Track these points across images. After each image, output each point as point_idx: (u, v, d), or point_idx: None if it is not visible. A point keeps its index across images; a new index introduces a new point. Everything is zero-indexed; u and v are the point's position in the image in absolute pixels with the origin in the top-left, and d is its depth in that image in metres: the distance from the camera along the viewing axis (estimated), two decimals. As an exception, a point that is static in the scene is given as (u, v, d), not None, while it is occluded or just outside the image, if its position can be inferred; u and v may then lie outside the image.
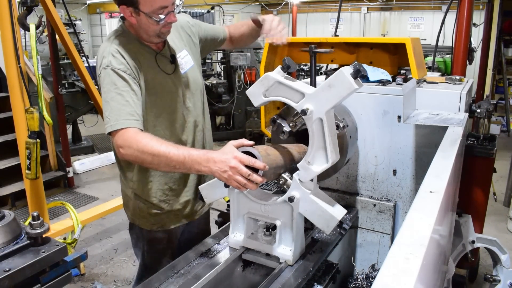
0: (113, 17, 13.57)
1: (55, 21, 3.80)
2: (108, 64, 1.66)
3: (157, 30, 1.73)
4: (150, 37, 1.77)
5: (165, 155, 1.50)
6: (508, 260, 2.74)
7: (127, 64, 1.68)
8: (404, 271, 0.77)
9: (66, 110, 5.88)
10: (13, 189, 4.77)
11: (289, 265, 1.64)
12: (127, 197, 1.98)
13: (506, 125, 8.12)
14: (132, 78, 1.67)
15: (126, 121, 1.60)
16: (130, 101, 1.63)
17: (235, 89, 7.74)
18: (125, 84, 1.65)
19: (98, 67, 1.73)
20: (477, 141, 2.70)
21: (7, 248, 1.28)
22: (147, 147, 1.53)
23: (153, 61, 1.80)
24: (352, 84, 1.39)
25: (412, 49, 2.04)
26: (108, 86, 1.64)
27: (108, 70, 1.65)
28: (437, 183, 1.22)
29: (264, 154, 1.49)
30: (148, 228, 1.97)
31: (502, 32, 7.67)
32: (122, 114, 1.60)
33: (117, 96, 1.62)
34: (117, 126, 1.59)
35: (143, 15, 1.67)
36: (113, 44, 1.71)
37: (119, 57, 1.68)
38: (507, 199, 4.93)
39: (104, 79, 1.66)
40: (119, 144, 1.59)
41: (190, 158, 1.47)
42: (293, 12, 10.84)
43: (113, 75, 1.65)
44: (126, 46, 1.73)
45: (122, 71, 1.65)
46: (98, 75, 1.72)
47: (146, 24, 1.70)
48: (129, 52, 1.72)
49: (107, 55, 1.68)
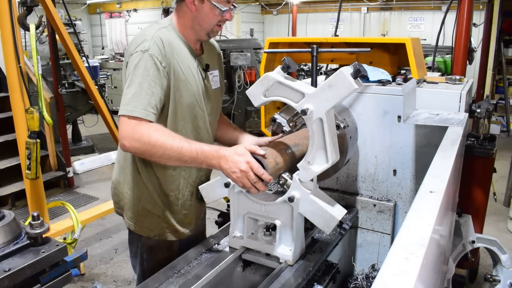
0: (113, 17, 13.57)
1: (55, 21, 3.80)
2: (148, 48, 1.60)
3: (212, 25, 1.71)
4: (201, 31, 1.73)
5: (178, 150, 1.51)
6: (508, 260, 2.74)
7: (165, 56, 1.63)
8: (404, 271, 0.77)
9: (66, 110, 5.88)
10: (13, 189, 4.77)
11: (289, 265, 1.64)
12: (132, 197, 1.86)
13: (506, 125, 8.12)
14: (165, 73, 1.63)
15: (144, 111, 1.54)
16: (155, 93, 1.58)
17: (235, 89, 7.74)
18: (157, 74, 1.60)
19: (132, 47, 1.64)
20: (477, 141, 2.70)
21: (7, 248, 1.28)
22: (159, 141, 1.51)
23: (193, 61, 1.77)
24: (352, 84, 1.39)
25: (412, 49, 2.04)
26: (140, 70, 1.58)
27: (146, 54, 1.59)
28: (437, 183, 1.22)
29: (273, 165, 1.52)
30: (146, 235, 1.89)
31: (502, 32, 7.67)
32: (143, 103, 1.55)
33: (145, 82, 1.57)
34: (134, 113, 1.53)
35: (207, 3, 1.65)
36: (158, 32, 1.66)
37: (160, 46, 1.62)
38: (507, 199, 4.93)
39: (138, 61, 1.59)
40: (126, 135, 1.53)
41: (203, 154, 1.51)
42: (293, 12, 10.83)
43: (149, 61, 1.59)
44: (170, 39, 1.68)
45: (159, 61, 1.60)
46: (130, 54, 1.63)
47: (206, 14, 1.68)
48: (171, 46, 1.67)
49: (149, 39, 1.62)
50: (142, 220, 1.87)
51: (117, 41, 13.38)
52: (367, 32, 13.05)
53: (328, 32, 12.88)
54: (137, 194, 1.85)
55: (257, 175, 1.46)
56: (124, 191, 1.89)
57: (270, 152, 1.55)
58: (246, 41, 8.69)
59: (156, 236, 1.88)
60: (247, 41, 8.52)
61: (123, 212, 1.93)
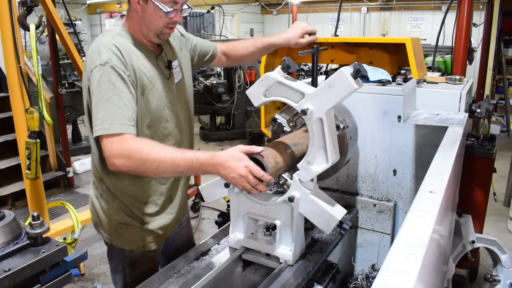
0: (113, 17, 13.57)
1: (55, 21, 3.80)
2: (107, 60, 1.51)
3: (160, 27, 1.62)
4: (149, 33, 1.64)
5: (172, 161, 1.46)
6: (508, 260, 2.74)
7: (126, 63, 1.55)
8: (404, 271, 0.77)
9: (66, 110, 5.88)
10: (13, 189, 4.77)
11: (289, 265, 1.64)
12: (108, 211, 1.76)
13: (506, 125, 8.12)
14: (130, 80, 1.55)
15: (123, 125, 1.48)
16: (127, 104, 1.51)
17: (235, 89, 7.74)
18: (124, 85, 1.52)
19: (90, 63, 1.54)
20: (477, 141, 2.70)
21: (7, 248, 1.28)
22: (151, 155, 1.45)
23: (154, 62, 1.68)
24: (352, 84, 1.39)
25: (412, 49, 2.04)
26: (105, 85, 1.50)
27: (106, 67, 1.50)
28: (437, 183, 1.22)
29: (273, 164, 1.51)
30: (129, 249, 1.79)
31: (502, 32, 7.67)
32: (118, 117, 1.48)
33: (114, 96, 1.49)
34: (112, 131, 1.47)
35: (151, 4, 1.57)
36: (112, 41, 1.57)
37: (119, 55, 1.54)
38: (507, 199, 4.93)
39: (100, 76, 1.50)
40: (115, 154, 1.47)
41: (198, 162, 1.47)
42: (293, 12, 10.83)
43: (111, 73, 1.50)
44: (126, 45, 1.60)
45: (122, 71, 1.52)
46: (90, 70, 1.53)
47: (151, 15, 1.59)
48: (129, 52, 1.59)
49: (106, 51, 1.53)
50: (123, 233, 1.77)
51: (117, 41, 13.37)
52: (367, 32, 13.06)
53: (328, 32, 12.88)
54: (113, 207, 1.75)
55: (257, 177, 1.44)
56: (100, 206, 1.79)
57: (270, 151, 1.55)
58: (246, 41, 8.68)
59: (140, 247, 1.79)
60: (247, 41, 8.50)
61: (101, 227, 1.82)
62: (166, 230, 1.87)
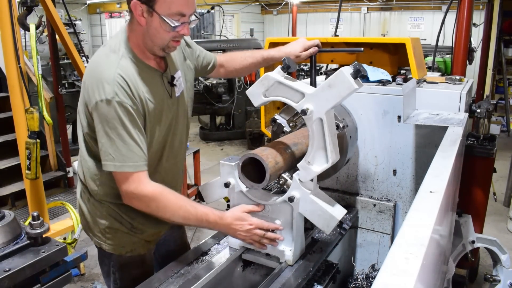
0: (113, 17, 13.58)
1: (55, 21, 3.79)
2: (113, 95, 1.44)
3: (165, 41, 1.53)
4: (154, 47, 1.55)
5: (184, 216, 1.57)
6: (508, 260, 2.74)
7: (133, 96, 1.49)
8: (404, 271, 0.77)
9: (66, 110, 5.87)
10: (13, 189, 4.77)
11: (289, 265, 1.64)
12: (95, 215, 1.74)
13: (506, 125, 8.12)
14: (138, 113, 1.50)
15: (135, 164, 1.48)
16: (137, 140, 1.49)
17: (235, 89, 7.74)
18: (133, 119, 1.48)
19: (95, 93, 1.46)
20: (477, 141, 2.70)
21: (7, 248, 1.28)
22: (167, 207, 1.55)
23: (159, 84, 1.61)
24: (352, 84, 1.39)
25: (412, 49, 2.04)
26: (114, 121, 1.45)
27: (113, 103, 1.44)
28: (437, 183, 1.22)
29: (273, 164, 1.52)
30: (118, 254, 1.76)
31: (502, 32, 7.67)
32: (130, 156, 1.48)
33: (124, 134, 1.46)
34: (124, 169, 1.48)
35: (156, 17, 1.46)
36: (117, 70, 1.48)
37: (125, 88, 1.47)
38: (507, 199, 4.93)
39: (107, 112, 1.45)
40: (133, 196, 1.53)
41: (207, 221, 1.59)
42: (293, 12, 10.84)
43: (119, 109, 1.45)
44: (132, 73, 1.51)
45: (130, 106, 1.46)
46: (95, 101, 1.46)
47: (156, 29, 1.49)
48: (135, 80, 1.51)
49: (111, 82, 1.45)
50: (111, 238, 1.74)
51: (117, 41, 13.38)
52: (367, 32, 13.07)
53: (328, 32, 12.90)
54: (101, 212, 1.72)
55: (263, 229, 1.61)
56: (88, 210, 1.76)
57: (270, 151, 1.55)
58: (246, 41, 8.70)
59: (129, 252, 1.76)
60: (247, 41, 8.52)
61: (89, 231, 1.80)
62: (157, 236, 1.85)
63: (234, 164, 1.64)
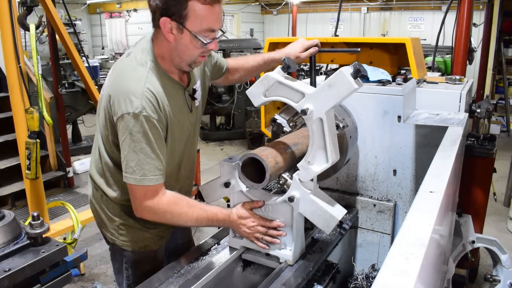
0: (113, 17, 13.58)
1: (55, 21, 3.80)
2: (141, 109, 1.44)
3: (194, 57, 1.54)
4: (181, 63, 1.56)
5: (195, 219, 1.61)
6: (508, 260, 2.74)
7: (160, 111, 1.50)
8: (404, 271, 0.77)
9: (66, 110, 5.88)
10: (13, 189, 4.77)
11: (289, 265, 1.64)
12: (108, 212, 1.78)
13: (506, 125, 8.12)
14: (162, 126, 1.52)
15: (153, 178, 1.50)
16: (160, 154, 1.51)
17: (235, 89, 7.74)
18: (157, 133, 1.49)
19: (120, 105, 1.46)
20: (477, 141, 2.70)
21: (7, 248, 1.28)
22: (181, 216, 1.59)
23: (182, 99, 1.63)
24: (352, 84, 1.39)
25: (412, 49, 2.04)
26: (139, 135, 1.46)
27: (140, 117, 1.45)
28: (437, 183, 1.22)
29: (273, 164, 1.52)
30: (131, 249, 1.80)
31: (502, 32, 7.67)
32: (151, 169, 1.49)
33: (147, 148, 1.48)
34: (144, 182, 1.50)
35: (187, 34, 1.46)
36: (146, 83, 1.48)
37: (154, 103, 1.47)
38: (507, 199, 4.93)
39: (133, 125, 1.45)
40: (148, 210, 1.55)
41: (217, 220, 1.66)
42: (293, 12, 10.83)
43: (145, 123, 1.46)
44: (158, 85, 1.52)
45: (156, 120, 1.48)
46: (120, 113, 1.46)
47: (186, 45, 1.49)
48: (162, 94, 1.52)
49: (140, 96, 1.45)
50: (124, 234, 1.78)
51: (117, 41, 13.39)
52: (367, 32, 13.06)
53: (328, 32, 12.89)
54: (114, 209, 1.76)
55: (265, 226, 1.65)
56: (101, 207, 1.80)
57: (270, 151, 1.55)
58: (246, 41, 8.70)
59: (142, 248, 1.80)
60: (247, 41, 8.53)
61: (103, 227, 1.84)
62: (169, 231, 1.89)
63: (234, 164, 1.65)
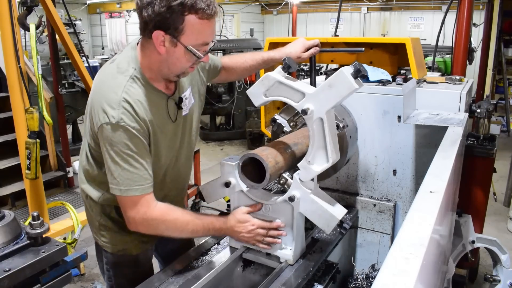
0: (113, 17, 13.58)
1: (55, 21, 3.80)
2: (118, 120, 1.42)
3: (184, 69, 1.51)
4: (169, 74, 1.52)
5: (191, 230, 1.59)
6: (508, 260, 2.74)
7: (139, 119, 1.46)
8: (404, 271, 0.77)
9: (66, 110, 5.87)
10: (13, 189, 4.76)
11: (290, 265, 1.64)
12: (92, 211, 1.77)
13: (506, 125, 8.13)
14: (145, 135, 1.49)
15: (139, 187, 1.48)
16: (144, 164, 1.48)
17: (235, 89, 7.74)
18: (138, 142, 1.46)
19: (99, 114, 1.44)
20: (477, 141, 2.70)
21: (7, 248, 1.28)
22: (176, 227, 1.57)
23: (163, 108, 1.57)
24: (352, 84, 1.39)
25: (412, 49, 2.04)
26: (119, 146, 1.44)
27: (118, 128, 1.42)
28: (437, 183, 1.22)
29: (273, 164, 1.52)
30: (110, 251, 1.77)
31: (502, 32, 7.67)
32: (136, 179, 1.47)
33: (129, 158, 1.45)
34: (130, 193, 1.47)
35: (180, 48, 1.43)
36: (123, 93, 1.44)
37: (132, 112, 1.44)
38: (507, 199, 4.93)
39: (112, 136, 1.43)
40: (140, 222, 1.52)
41: (214, 229, 1.64)
42: (293, 12, 10.84)
43: (124, 134, 1.43)
44: (138, 94, 1.48)
45: (136, 130, 1.44)
46: (99, 123, 1.44)
47: (178, 58, 1.46)
48: (142, 104, 1.48)
49: (117, 106, 1.42)
50: (105, 235, 1.76)
51: (117, 41, 13.40)
52: (367, 32, 13.07)
53: (328, 32, 12.89)
54: (96, 209, 1.74)
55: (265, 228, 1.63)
56: (89, 204, 1.77)
57: (270, 151, 1.55)
58: (246, 41, 8.70)
59: (121, 251, 1.76)
60: (247, 41, 8.53)
61: (90, 226, 1.83)
62: (152, 237, 1.77)
63: (234, 164, 1.64)
